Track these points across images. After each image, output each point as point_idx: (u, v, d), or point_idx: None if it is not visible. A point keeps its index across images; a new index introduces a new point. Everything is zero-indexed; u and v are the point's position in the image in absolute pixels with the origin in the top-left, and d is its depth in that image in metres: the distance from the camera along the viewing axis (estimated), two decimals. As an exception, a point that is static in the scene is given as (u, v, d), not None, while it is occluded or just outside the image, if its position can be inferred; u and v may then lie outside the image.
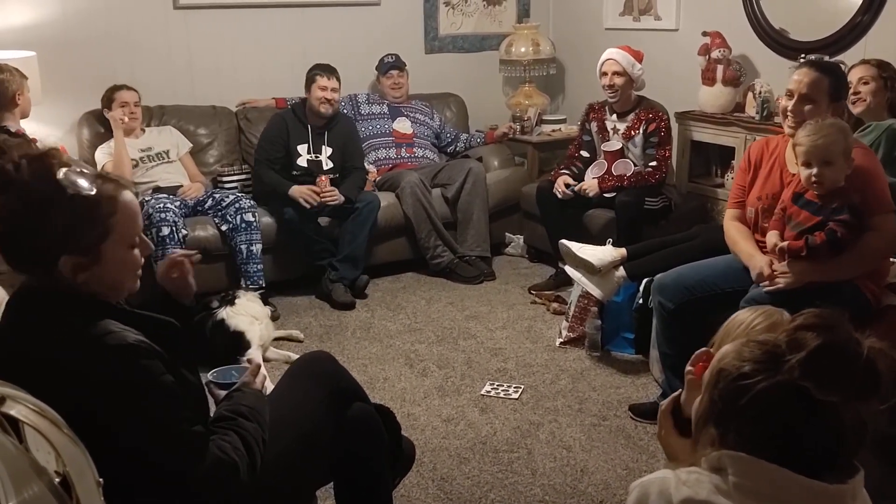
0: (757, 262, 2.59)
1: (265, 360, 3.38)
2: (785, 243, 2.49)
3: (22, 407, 0.98)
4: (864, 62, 3.20)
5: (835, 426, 1.04)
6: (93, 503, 1.00)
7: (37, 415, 0.98)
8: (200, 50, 4.64)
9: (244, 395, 1.61)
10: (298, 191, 4.06)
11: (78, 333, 1.36)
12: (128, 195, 1.43)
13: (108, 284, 1.44)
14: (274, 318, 3.81)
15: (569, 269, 3.40)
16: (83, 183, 1.36)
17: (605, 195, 3.93)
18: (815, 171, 2.41)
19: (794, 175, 2.59)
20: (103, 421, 1.33)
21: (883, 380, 1.03)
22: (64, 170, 1.35)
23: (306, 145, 4.28)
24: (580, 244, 3.35)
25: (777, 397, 1.04)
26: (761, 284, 2.55)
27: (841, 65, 3.06)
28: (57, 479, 0.95)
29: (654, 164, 3.92)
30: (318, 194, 4.07)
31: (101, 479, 1.06)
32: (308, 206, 4.04)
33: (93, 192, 1.36)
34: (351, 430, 1.82)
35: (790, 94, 2.63)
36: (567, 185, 4.03)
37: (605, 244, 3.38)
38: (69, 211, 1.33)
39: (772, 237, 2.57)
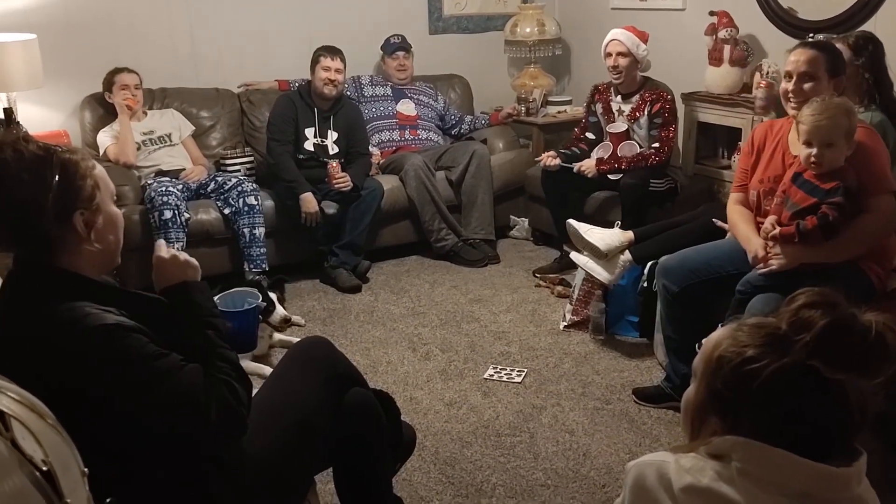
0: (753, 244, 2.57)
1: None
2: (777, 230, 2.46)
3: (4, 397, 0.97)
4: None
5: (842, 405, 1.04)
6: (77, 494, 0.99)
7: (20, 405, 0.97)
8: (203, 32, 4.61)
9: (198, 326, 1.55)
10: (307, 203, 4.02)
11: (59, 316, 1.36)
12: None
13: (111, 242, 1.51)
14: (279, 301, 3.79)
15: (574, 256, 3.38)
16: (58, 149, 1.44)
17: (610, 177, 3.90)
18: (814, 151, 2.37)
19: (796, 157, 2.56)
20: (104, 403, 1.34)
21: (892, 354, 1.02)
22: (35, 144, 1.42)
23: (313, 129, 4.25)
24: (588, 226, 3.33)
25: (787, 379, 1.04)
26: (757, 267, 2.53)
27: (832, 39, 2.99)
28: (44, 468, 0.95)
29: (656, 144, 3.88)
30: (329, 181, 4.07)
31: (86, 470, 1.05)
32: (305, 220, 4.02)
33: (69, 154, 1.44)
34: (348, 415, 1.81)
35: (789, 76, 2.61)
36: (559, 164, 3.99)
37: (612, 227, 3.35)
38: (61, 171, 1.40)
39: (767, 222, 2.54)
